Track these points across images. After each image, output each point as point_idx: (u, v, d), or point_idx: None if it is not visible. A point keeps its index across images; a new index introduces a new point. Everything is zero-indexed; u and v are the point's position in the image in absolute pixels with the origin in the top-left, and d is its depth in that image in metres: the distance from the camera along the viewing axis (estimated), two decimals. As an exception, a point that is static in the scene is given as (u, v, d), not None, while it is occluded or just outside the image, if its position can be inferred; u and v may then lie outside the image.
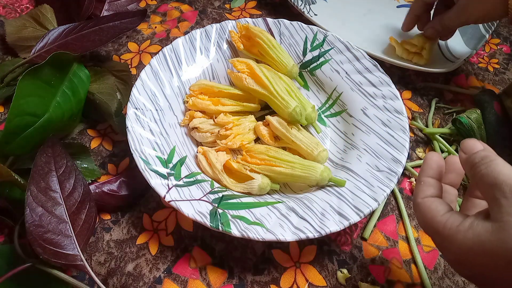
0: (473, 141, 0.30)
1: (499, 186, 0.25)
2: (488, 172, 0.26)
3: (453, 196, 0.34)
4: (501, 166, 0.26)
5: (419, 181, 0.32)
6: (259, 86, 0.45)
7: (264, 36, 0.48)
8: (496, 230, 0.25)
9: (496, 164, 0.27)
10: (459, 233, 0.27)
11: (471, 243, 0.26)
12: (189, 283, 0.38)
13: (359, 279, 0.39)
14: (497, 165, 0.27)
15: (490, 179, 0.26)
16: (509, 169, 0.26)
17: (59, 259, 0.33)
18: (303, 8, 0.58)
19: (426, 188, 0.31)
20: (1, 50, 0.54)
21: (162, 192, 0.38)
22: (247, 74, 0.46)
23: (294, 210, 0.38)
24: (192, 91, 0.47)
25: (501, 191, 0.25)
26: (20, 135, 0.38)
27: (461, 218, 0.27)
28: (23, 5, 0.60)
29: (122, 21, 0.48)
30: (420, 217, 0.30)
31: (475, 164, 0.28)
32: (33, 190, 0.35)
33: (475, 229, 0.26)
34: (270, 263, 0.39)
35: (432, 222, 0.29)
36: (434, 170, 0.32)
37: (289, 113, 0.43)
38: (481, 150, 0.28)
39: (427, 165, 0.32)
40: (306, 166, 0.40)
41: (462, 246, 0.26)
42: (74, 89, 0.44)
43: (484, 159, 0.27)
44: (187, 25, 0.60)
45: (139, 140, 0.41)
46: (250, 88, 0.45)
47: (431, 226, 0.29)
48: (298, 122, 0.44)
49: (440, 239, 0.29)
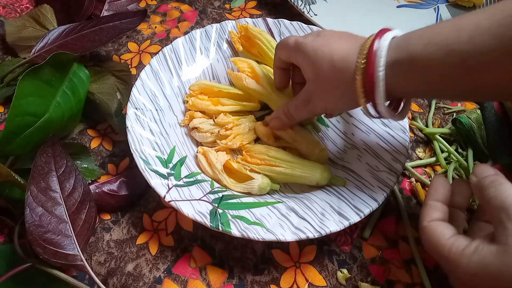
0: (485, 167, 0.30)
1: (506, 209, 0.26)
2: (496, 194, 0.27)
3: (460, 219, 0.34)
4: (510, 189, 0.27)
5: (426, 204, 0.32)
6: (259, 86, 0.45)
7: (263, 37, 0.48)
8: (501, 253, 0.25)
9: (505, 188, 0.27)
10: (464, 257, 0.27)
11: (475, 267, 0.26)
12: (189, 283, 0.38)
13: (359, 279, 0.39)
14: (506, 189, 0.27)
15: (497, 202, 0.27)
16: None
17: (59, 259, 0.33)
18: (303, 8, 0.58)
19: (432, 212, 0.31)
20: (1, 50, 0.54)
21: (162, 192, 0.38)
22: (247, 73, 0.46)
23: (294, 210, 0.38)
24: (192, 91, 0.47)
25: (508, 214, 0.26)
26: (20, 135, 0.38)
27: (467, 242, 0.28)
28: (23, 5, 0.60)
29: (122, 21, 0.48)
30: (426, 240, 0.30)
31: (485, 186, 0.28)
32: (33, 190, 0.35)
33: (480, 253, 0.26)
34: (270, 263, 0.39)
35: (437, 246, 0.29)
36: (441, 193, 0.32)
37: None
38: (492, 175, 0.29)
39: (434, 188, 0.33)
40: (306, 166, 0.40)
41: (468, 270, 0.26)
42: (74, 89, 0.44)
43: (493, 182, 0.28)
44: (187, 25, 0.60)
45: (139, 140, 0.41)
46: (250, 88, 0.45)
47: (436, 250, 0.29)
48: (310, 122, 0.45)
49: (445, 263, 0.29)
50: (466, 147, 0.47)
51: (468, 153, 0.46)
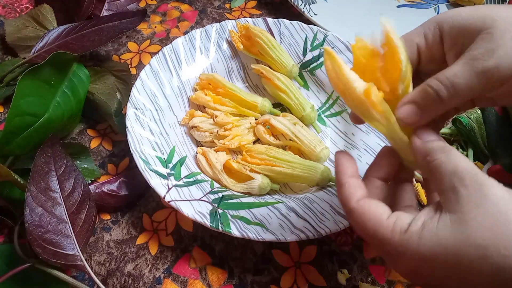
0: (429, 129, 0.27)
1: (459, 173, 0.23)
2: (448, 160, 0.24)
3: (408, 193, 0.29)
4: (460, 156, 0.24)
5: (342, 184, 0.28)
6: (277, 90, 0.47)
7: (264, 36, 0.48)
8: (455, 223, 0.22)
9: (455, 154, 0.24)
10: (413, 236, 0.23)
11: (429, 245, 0.22)
12: (189, 283, 0.38)
13: (359, 279, 0.39)
14: (456, 155, 0.24)
15: (450, 167, 0.24)
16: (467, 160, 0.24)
17: (58, 259, 0.33)
18: (303, 8, 0.58)
19: (354, 190, 0.27)
20: (1, 50, 0.54)
21: (162, 192, 0.38)
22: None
23: (294, 210, 0.38)
24: (200, 79, 0.47)
25: (461, 179, 0.23)
26: (20, 135, 0.38)
27: (411, 217, 0.24)
28: (23, 5, 0.60)
29: (122, 21, 0.48)
30: (359, 224, 0.26)
31: (433, 151, 0.25)
32: (33, 190, 0.35)
33: (430, 227, 0.23)
34: (270, 263, 0.39)
35: (375, 230, 0.25)
36: (351, 168, 0.28)
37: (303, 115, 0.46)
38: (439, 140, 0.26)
39: (341, 165, 0.28)
40: (306, 166, 0.40)
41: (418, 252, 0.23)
42: (74, 89, 0.44)
43: (444, 148, 0.25)
44: (187, 25, 0.60)
45: (139, 140, 0.41)
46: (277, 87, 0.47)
47: (375, 235, 0.25)
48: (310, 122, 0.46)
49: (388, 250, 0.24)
50: (467, 147, 0.47)
51: (468, 153, 0.46)
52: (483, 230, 0.21)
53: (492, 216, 0.21)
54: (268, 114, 0.46)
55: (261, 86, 0.50)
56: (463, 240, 0.22)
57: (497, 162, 0.43)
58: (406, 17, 0.61)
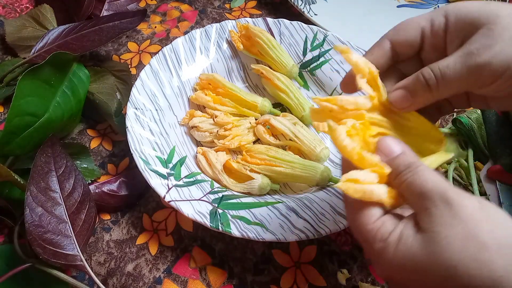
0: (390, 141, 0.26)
1: (427, 194, 0.23)
2: (414, 180, 0.24)
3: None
4: (428, 173, 0.24)
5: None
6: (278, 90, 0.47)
7: (264, 36, 0.48)
8: (427, 242, 0.22)
9: (423, 172, 0.24)
10: (390, 246, 0.24)
11: (402, 258, 0.23)
12: (189, 283, 0.38)
13: (359, 279, 0.39)
14: (424, 173, 0.24)
15: (417, 189, 0.24)
16: (436, 176, 0.24)
17: (58, 259, 0.33)
18: (303, 8, 0.58)
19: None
20: (1, 50, 0.54)
21: (162, 192, 0.38)
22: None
23: (294, 210, 0.38)
24: (200, 79, 0.47)
25: (431, 200, 0.23)
26: (20, 135, 0.38)
27: (394, 225, 0.24)
28: (23, 5, 0.60)
29: (122, 21, 0.48)
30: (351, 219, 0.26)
31: (400, 173, 0.25)
32: (33, 190, 0.35)
33: (405, 242, 0.23)
34: (270, 263, 0.39)
35: (362, 231, 0.25)
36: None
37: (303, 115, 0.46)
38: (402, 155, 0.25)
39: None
40: (306, 166, 0.40)
41: (393, 262, 0.23)
42: (74, 89, 0.44)
43: (410, 167, 0.25)
44: (187, 25, 0.60)
45: (139, 140, 0.41)
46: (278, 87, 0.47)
47: (361, 234, 0.26)
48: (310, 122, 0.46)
49: (370, 250, 0.25)
50: (466, 147, 0.47)
51: (468, 153, 0.46)
52: (452, 251, 0.22)
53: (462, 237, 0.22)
54: (268, 114, 0.46)
55: (261, 86, 0.50)
56: (434, 260, 0.22)
57: (497, 162, 0.43)
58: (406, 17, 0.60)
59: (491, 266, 0.21)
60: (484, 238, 0.21)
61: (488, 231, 0.21)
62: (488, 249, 0.21)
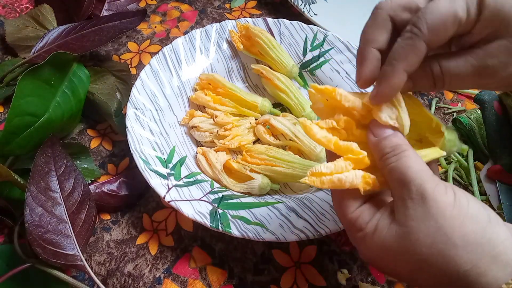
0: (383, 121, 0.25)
1: (407, 184, 0.23)
2: (397, 165, 0.24)
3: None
4: (412, 160, 0.24)
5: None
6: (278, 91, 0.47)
7: (264, 36, 0.48)
8: (399, 236, 0.23)
9: (407, 157, 0.24)
10: (367, 236, 0.25)
11: (377, 248, 0.24)
12: (189, 283, 0.38)
13: (359, 279, 0.39)
14: (408, 159, 0.24)
15: (398, 175, 0.23)
16: (419, 164, 0.24)
17: (58, 259, 0.33)
18: (303, 8, 0.58)
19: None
20: (1, 50, 0.54)
21: (162, 192, 0.38)
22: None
23: (294, 210, 0.38)
24: (200, 79, 0.47)
25: (408, 190, 0.23)
26: (20, 135, 0.38)
27: (371, 215, 0.25)
28: (23, 5, 0.60)
29: (122, 21, 0.48)
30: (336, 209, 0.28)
31: (385, 155, 0.24)
32: (33, 190, 0.35)
33: (379, 234, 0.24)
34: (270, 263, 0.39)
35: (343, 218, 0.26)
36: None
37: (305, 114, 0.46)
38: (392, 136, 0.25)
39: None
40: (306, 166, 0.40)
41: (371, 249, 0.25)
42: (74, 89, 0.44)
43: (395, 150, 0.24)
44: (187, 25, 0.60)
45: (139, 140, 0.41)
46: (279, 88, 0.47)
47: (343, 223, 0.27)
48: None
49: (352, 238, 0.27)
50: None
51: (468, 153, 0.46)
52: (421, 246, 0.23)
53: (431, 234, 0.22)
54: (268, 114, 0.46)
55: (261, 86, 0.50)
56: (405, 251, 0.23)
57: (497, 162, 0.43)
58: None
59: (457, 261, 0.22)
60: (452, 235, 0.22)
61: (457, 228, 0.22)
62: (455, 245, 0.22)
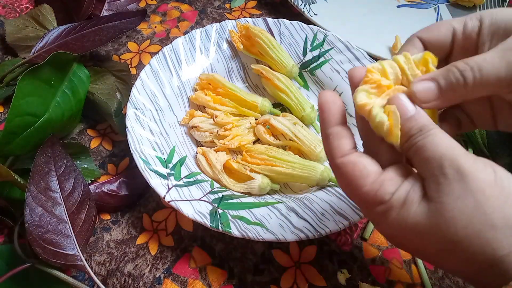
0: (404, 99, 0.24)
1: (438, 160, 0.22)
2: (424, 143, 0.22)
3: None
4: (440, 137, 0.22)
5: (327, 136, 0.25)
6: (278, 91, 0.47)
7: (264, 36, 0.48)
8: (432, 213, 0.22)
9: (435, 135, 0.22)
10: (392, 211, 0.23)
11: (404, 225, 0.22)
12: (189, 283, 0.38)
13: (359, 279, 0.39)
14: (436, 136, 0.22)
15: (427, 153, 0.22)
16: (448, 140, 0.22)
17: (58, 259, 0.33)
18: (303, 8, 0.58)
19: (338, 143, 0.25)
20: (1, 50, 0.54)
21: (162, 192, 0.38)
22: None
23: (294, 210, 0.38)
24: (200, 79, 0.47)
25: (441, 166, 0.22)
26: (20, 135, 0.38)
27: (396, 185, 0.23)
28: (23, 5, 0.60)
29: (122, 21, 0.48)
30: (343, 183, 0.25)
31: (411, 136, 0.23)
32: (33, 190, 0.35)
33: (408, 208, 0.22)
34: (270, 263, 0.39)
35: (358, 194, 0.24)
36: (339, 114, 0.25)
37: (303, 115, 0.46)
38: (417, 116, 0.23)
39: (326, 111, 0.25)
40: (306, 166, 0.40)
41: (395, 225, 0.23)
42: (74, 89, 0.44)
43: (422, 129, 0.23)
44: (187, 25, 0.60)
45: (139, 140, 0.41)
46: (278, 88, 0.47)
47: (357, 197, 0.24)
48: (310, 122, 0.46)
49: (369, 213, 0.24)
50: (466, 147, 0.47)
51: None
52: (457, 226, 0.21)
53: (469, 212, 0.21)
54: (268, 114, 0.46)
55: (261, 86, 0.50)
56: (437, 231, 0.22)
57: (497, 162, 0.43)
58: (406, 17, 0.61)
59: (495, 245, 0.20)
60: (492, 215, 0.21)
61: (498, 208, 0.21)
62: (494, 227, 0.20)
